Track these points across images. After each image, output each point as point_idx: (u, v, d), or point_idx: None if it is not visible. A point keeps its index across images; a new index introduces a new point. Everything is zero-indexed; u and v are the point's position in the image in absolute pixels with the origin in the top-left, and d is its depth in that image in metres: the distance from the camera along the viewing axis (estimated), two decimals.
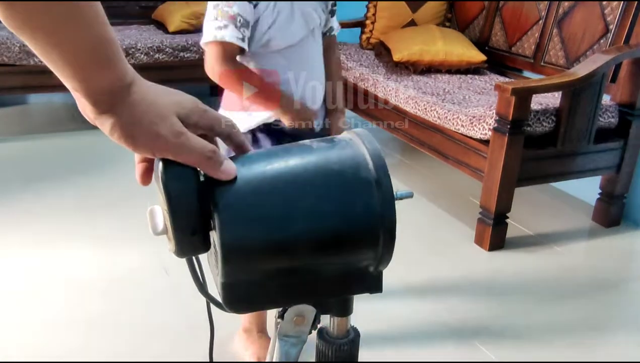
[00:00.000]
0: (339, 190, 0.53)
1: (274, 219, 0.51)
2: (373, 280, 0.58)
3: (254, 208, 0.51)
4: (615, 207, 2.56)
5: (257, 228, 0.51)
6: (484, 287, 2.13)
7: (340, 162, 0.54)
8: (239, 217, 0.50)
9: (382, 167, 0.54)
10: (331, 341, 0.61)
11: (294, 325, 0.60)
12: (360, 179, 0.53)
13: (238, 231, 0.50)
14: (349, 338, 0.62)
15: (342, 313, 0.60)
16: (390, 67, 2.99)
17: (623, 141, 2.43)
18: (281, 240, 0.51)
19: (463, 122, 2.33)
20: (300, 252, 0.52)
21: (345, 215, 0.52)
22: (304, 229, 0.52)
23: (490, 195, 2.25)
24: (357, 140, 0.56)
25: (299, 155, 0.54)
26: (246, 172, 0.53)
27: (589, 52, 2.56)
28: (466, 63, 2.96)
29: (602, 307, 2.04)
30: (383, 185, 0.53)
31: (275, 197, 0.52)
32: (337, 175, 0.53)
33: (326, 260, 0.54)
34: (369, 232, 0.53)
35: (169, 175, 0.51)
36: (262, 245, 0.51)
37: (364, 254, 0.55)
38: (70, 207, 2.50)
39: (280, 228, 0.51)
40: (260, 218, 0.51)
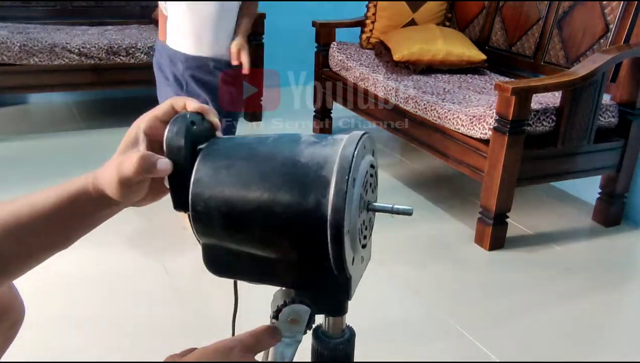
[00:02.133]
0: (298, 182, 0.55)
1: (235, 189, 0.57)
2: (340, 284, 0.58)
3: (221, 176, 0.58)
4: (616, 207, 2.56)
5: (219, 193, 0.57)
6: (484, 287, 2.13)
7: (311, 157, 0.56)
8: (206, 180, 0.58)
9: (342, 171, 0.54)
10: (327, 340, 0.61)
11: (289, 325, 0.60)
12: (319, 177, 0.55)
13: (203, 191, 0.58)
14: (345, 337, 0.62)
15: (337, 312, 0.61)
16: (390, 67, 2.99)
17: (623, 141, 2.43)
18: (238, 209, 0.57)
19: (463, 121, 2.33)
20: (253, 228, 0.57)
21: (297, 206, 0.55)
22: (257, 206, 0.56)
23: (490, 194, 2.25)
24: (343, 142, 0.57)
25: (281, 144, 0.60)
26: (228, 148, 0.61)
27: (589, 52, 2.56)
28: (466, 62, 2.96)
29: (602, 307, 2.04)
30: (339, 189, 0.54)
31: (241, 172, 0.58)
32: (301, 168, 0.56)
33: (279, 244, 0.58)
34: (317, 228, 0.55)
35: (170, 130, 0.62)
36: (221, 210, 0.57)
37: (314, 249, 0.56)
38: None
39: (238, 197, 0.57)
40: (222, 185, 0.57)
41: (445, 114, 2.43)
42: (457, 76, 2.92)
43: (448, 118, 2.41)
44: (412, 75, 2.90)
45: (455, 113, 2.38)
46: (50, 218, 0.64)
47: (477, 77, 2.94)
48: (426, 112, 2.54)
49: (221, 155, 0.60)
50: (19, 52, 3.03)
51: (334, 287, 0.59)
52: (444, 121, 2.44)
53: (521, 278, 2.18)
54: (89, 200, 0.64)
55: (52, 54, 3.10)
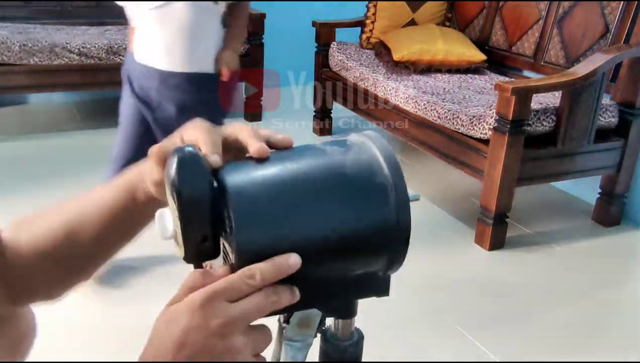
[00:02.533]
0: (354, 196, 0.52)
1: (290, 226, 0.50)
2: (381, 284, 0.57)
3: (269, 214, 0.50)
4: (616, 207, 2.56)
5: (273, 236, 0.49)
6: (484, 287, 2.13)
7: (355, 167, 0.53)
8: (254, 224, 0.49)
9: (397, 172, 0.53)
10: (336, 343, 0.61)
11: (300, 329, 0.60)
12: (375, 185, 0.52)
13: (253, 238, 0.49)
14: (354, 340, 0.62)
15: (347, 315, 0.60)
16: (390, 67, 2.99)
17: (623, 140, 2.43)
18: (296, 247, 0.50)
19: (463, 121, 2.33)
20: (314, 258, 0.51)
21: (361, 222, 0.52)
22: (318, 235, 0.51)
23: (490, 194, 2.25)
24: (370, 143, 0.55)
25: (314, 160, 0.53)
26: (260, 177, 0.51)
27: (589, 52, 2.56)
28: (466, 62, 2.96)
29: (602, 307, 2.04)
30: (399, 191, 0.52)
31: (290, 204, 0.50)
32: (352, 180, 0.52)
33: (340, 265, 0.54)
34: (384, 237, 0.53)
35: (182, 177, 0.49)
36: (277, 252, 0.50)
37: (377, 259, 0.54)
38: None
39: (295, 235, 0.50)
40: (275, 225, 0.50)
41: (445, 114, 2.43)
42: (457, 76, 2.92)
43: (448, 118, 2.41)
44: (412, 75, 2.90)
45: (455, 113, 2.38)
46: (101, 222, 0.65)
47: (477, 77, 2.94)
48: (426, 112, 2.54)
49: (256, 187, 0.50)
50: (19, 52, 3.03)
51: (376, 290, 0.58)
52: (444, 121, 2.44)
53: (521, 278, 2.18)
54: (136, 200, 0.63)
55: (52, 54, 3.10)
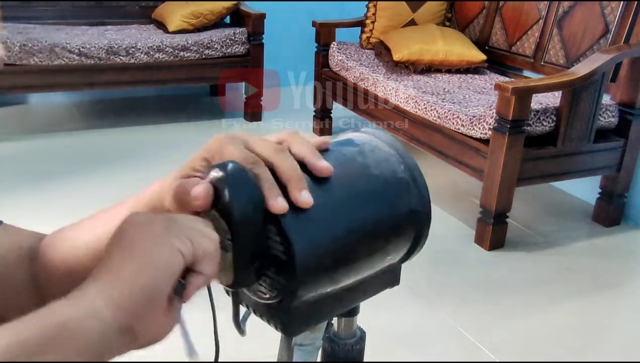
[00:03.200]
0: (384, 194, 0.53)
1: (338, 235, 0.49)
2: (394, 274, 0.59)
3: (319, 227, 0.48)
4: (616, 207, 2.56)
5: (325, 248, 0.48)
6: (484, 287, 2.13)
7: (377, 166, 0.53)
8: (307, 239, 0.47)
9: (415, 166, 0.55)
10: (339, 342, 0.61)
11: (309, 333, 0.60)
12: (399, 180, 0.54)
13: (309, 254, 0.47)
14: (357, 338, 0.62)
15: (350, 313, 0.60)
16: (390, 67, 2.99)
17: (623, 140, 2.43)
18: (344, 256, 0.50)
19: (463, 121, 2.33)
20: (357, 263, 0.52)
21: (393, 218, 0.53)
22: (362, 239, 0.51)
23: (490, 194, 2.25)
24: (379, 141, 0.56)
25: (339, 164, 0.52)
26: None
27: (589, 52, 2.56)
28: (466, 62, 2.96)
29: (602, 306, 2.04)
30: (418, 182, 0.54)
31: (335, 212, 0.50)
32: (378, 179, 0.53)
33: (376, 263, 0.54)
34: (412, 229, 0.54)
35: (235, 195, 0.46)
36: (329, 264, 0.49)
37: (402, 251, 0.56)
38: (70, 207, 2.50)
39: (344, 244, 0.50)
40: (326, 237, 0.49)
41: (445, 113, 2.43)
42: (457, 76, 2.92)
43: (448, 118, 2.41)
44: (412, 75, 2.90)
45: (455, 113, 2.38)
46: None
47: (477, 77, 2.94)
48: (426, 112, 2.54)
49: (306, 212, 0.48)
50: (19, 52, 3.03)
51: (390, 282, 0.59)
52: (444, 121, 2.44)
53: (521, 278, 2.18)
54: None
55: (52, 54, 3.10)
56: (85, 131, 3.45)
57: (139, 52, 3.26)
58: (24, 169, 2.87)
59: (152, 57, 3.29)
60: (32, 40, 3.08)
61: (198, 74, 3.48)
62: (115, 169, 2.88)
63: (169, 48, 3.31)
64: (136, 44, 3.25)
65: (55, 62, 3.12)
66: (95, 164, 2.98)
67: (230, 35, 3.46)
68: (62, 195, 2.61)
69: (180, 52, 3.34)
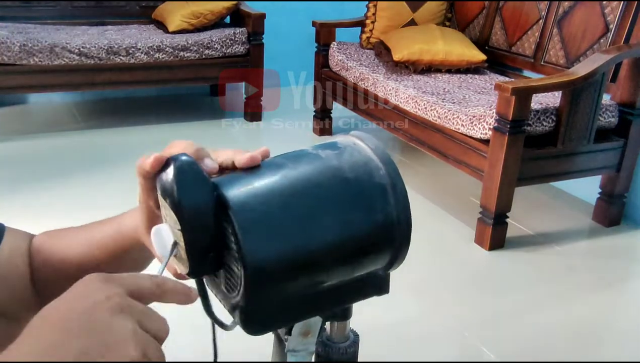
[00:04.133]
0: (357, 198, 0.51)
1: (298, 234, 0.49)
2: (382, 282, 0.57)
3: (277, 224, 0.48)
4: (616, 207, 2.56)
5: (283, 245, 0.48)
6: (484, 287, 2.13)
7: (353, 169, 0.52)
8: (263, 236, 0.47)
9: (394, 170, 0.53)
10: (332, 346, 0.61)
11: (302, 338, 0.60)
12: (375, 185, 0.52)
13: (263, 251, 0.47)
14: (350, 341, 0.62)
15: (343, 317, 0.60)
16: (390, 67, 2.99)
17: (623, 140, 2.43)
18: (306, 256, 0.49)
19: (463, 121, 2.33)
20: (323, 266, 0.51)
21: (366, 223, 0.51)
22: (327, 241, 0.50)
23: (490, 194, 2.25)
24: (361, 144, 0.55)
25: (311, 166, 0.52)
26: (261, 187, 0.50)
27: (589, 52, 2.56)
28: (466, 62, 2.96)
29: (602, 306, 2.04)
30: (397, 188, 0.53)
31: (297, 212, 0.49)
32: (353, 183, 0.52)
33: (347, 269, 0.53)
34: (388, 236, 0.53)
35: (182, 184, 0.48)
36: (288, 263, 0.48)
37: (380, 259, 0.54)
38: (69, 207, 2.50)
39: (305, 243, 0.49)
40: (284, 234, 0.48)
41: (445, 113, 2.43)
42: (457, 76, 2.92)
43: (448, 118, 2.41)
44: (412, 75, 2.90)
45: (455, 113, 2.38)
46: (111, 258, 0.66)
47: (477, 77, 2.94)
48: (426, 112, 2.54)
49: (258, 198, 0.49)
50: (19, 52, 3.03)
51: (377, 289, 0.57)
52: (444, 121, 2.44)
53: (521, 278, 2.18)
54: (141, 250, 0.63)
55: (52, 54, 3.10)
56: (85, 131, 3.45)
57: (139, 52, 3.26)
58: (24, 169, 2.87)
59: (152, 57, 3.29)
60: (32, 40, 3.08)
61: (198, 74, 3.48)
62: (115, 169, 2.88)
63: (169, 48, 3.31)
64: (136, 44, 3.25)
65: (55, 62, 3.12)
66: (95, 164, 2.98)
67: (230, 35, 3.46)
68: (62, 194, 2.61)
69: (180, 52, 3.34)
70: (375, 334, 1.79)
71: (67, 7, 3.68)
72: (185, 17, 3.47)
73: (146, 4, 3.83)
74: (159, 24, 3.65)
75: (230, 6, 3.56)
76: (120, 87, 3.56)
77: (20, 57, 3.05)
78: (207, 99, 4.13)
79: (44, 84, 3.19)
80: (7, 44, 3.01)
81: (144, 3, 3.83)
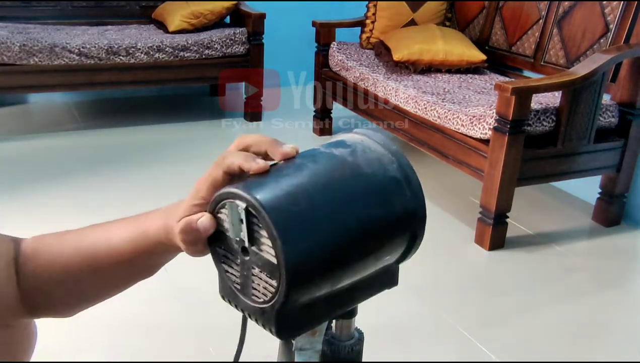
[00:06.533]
0: (377, 193, 0.52)
1: (329, 233, 0.49)
2: (392, 275, 0.58)
3: (309, 224, 0.48)
4: (616, 207, 2.56)
5: (316, 245, 0.48)
6: (484, 287, 2.13)
7: (369, 165, 0.53)
8: (298, 238, 0.47)
9: (407, 164, 0.54)
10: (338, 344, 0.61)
11: (309, 337, 0.60)
12: (391, 178, 0.53)
13: (300, 253, 0.47)
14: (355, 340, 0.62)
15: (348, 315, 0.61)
16: (390, 67, 2.99)
17: (623, 140, 2.43)
18: (336, 254, 0.49)
19: (463, 121, 2.33)
20: (350, 263, 0.51)
21: (387, 218, 0.52)
22: (354, 238, 0.50)
23: (490, 194, 2.25)
24: (369, 140, 0.56)
25: (330, 164, 0.53)
26: (290, 187, 0.50)
27: (589, 52, 2.56)
28: (466, 62, 2.96)
29: (602, 307, 2.04)
30: (412, 180, 0.54)
31: (325, 210, 0.49)
32: (372, 178, 0.52)
33: (370, 264, 0.53)
34: (406, 228, 0.54)
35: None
36: (320, 262, 0.48)
37: (397, 252, 0.55)
38: (69, 207, 2.50)
39: (334, 241, 0.49)
40: (316, 234, 0.48)
41: (445, 113, 2.43)
42: (457, 76, 2.92)
43: (448, 118, 2.41)
44: (412, 75, 2.90)
45: (455, 113, 2.38)
46: (124, 263, 0.63)
47: (477, 77, 2.94)
48: (426, 112, 2.54)
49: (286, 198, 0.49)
50: (19, 52, 3.03)
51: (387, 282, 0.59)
52: (444, 121, 2.44)
53: (521, 278, 2.18)
54: (164, 251, 0.61)
55: (52, 54, 3.10)
56: (85, 131, 3.45)
57: (139, 52, 3.26)
58: (24, 169, 2.87)
59: (152, 57, 3.29)
60: (32, 40, 3.08)
61: (198, 74, 3.48)
62: (115, 169, 2.88)
63: (169, 48, 3.31)
64: (136, 44, 3.25)
65: (55, 62, 3.12)
66: (95, 164, 2.98)
67: (230, 35, 3.46)
68: (62, 194, 2.61)
69: (180, 52, 3.34)
70: (375, 334, 1.79)
71: (67, 7, 3.68)
72: (185, 17, 3.47)
73: (146, 4, 3.83)
74: (159, 24, 3.65)
75: (230, 6, 3.56)
76: (120, 87, 3.56)
77: (20, 57, 3.05)
78: (207, 99, 4.13)
79: (44, 84, 3.19)
80: (7, 44, 3.01)
81: (144, 3, 3.83)
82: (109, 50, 3.20)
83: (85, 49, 3.15)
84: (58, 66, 3.13)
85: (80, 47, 3.14)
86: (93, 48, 3.17)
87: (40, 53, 3.08)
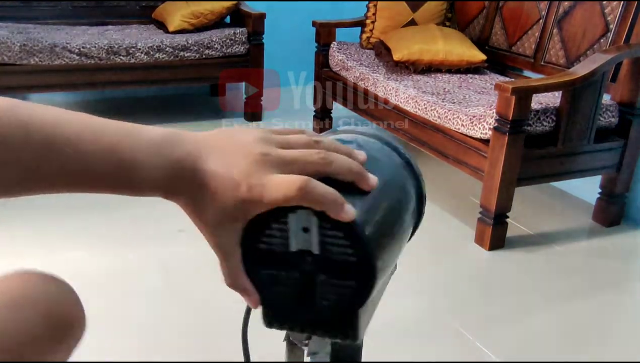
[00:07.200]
0: (404, 184, 0.55)
1: (388, 229, 0.50)
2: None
3: (377, 225, 0.48)
4: (616, 207, 2.56)
5: (384, 244, 0.48)
6: (484, 287, 2.13)
7: (387, 156, 0.56)
8: (377, 244, 0.47)
9: (402, 147, 0.58)
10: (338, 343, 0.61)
11: (322, 340, 0.60)
12: (399, 165, 0.56)
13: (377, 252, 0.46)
14: None
15: None
16: (390, 67, 2.99)
17: (623, 140, 2.43)
18: (394, 249, 0.50)
19: (463, 121, 2.33)
20: (398, 254, 0.53)
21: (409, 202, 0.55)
22: (399, 229, 0.52)
23: (490, 194, 2.25)
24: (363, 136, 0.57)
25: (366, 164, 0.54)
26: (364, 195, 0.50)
27: (589, 52, 2.56)
28: (466, 62, 2.96)
29: (602, 306, 2.04)
30: (411, 164, 0.57)
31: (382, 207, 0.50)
32: (394, 170, 0.55)
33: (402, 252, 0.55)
34: (417, 209, 0.57)
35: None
36: (389, 259, 0.49)
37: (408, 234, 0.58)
38: (69, 207, 2.50)
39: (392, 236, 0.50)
40: (382, 233, 0.48)
41: (445, 113, 2.43)
42: (457, 76, 2.92)
43: (448, 118, 2.41)
44: (412, 75, 2.90)
45: (455, 113, 2.38)
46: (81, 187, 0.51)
47: (477, 77, 2.94)
48: (426, 112, 2.54)
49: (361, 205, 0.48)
50: (19, 52, 3.03)
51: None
52: (444, 121, 2.44)
53: (521, 278, 2.18)
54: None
55: (52, 54, 3.10)
56: None
57: (139, 52, 3.26)
58: None
59: (152, 57, 3.29)
60: (32, 40, 3.08)
61: (198, 74, 3.48)
62: None
63: (169, 48, 3.31)
64: (136, 44, 3.25)
65: (55, 62, 3.12)
66: None
67: (230, 35, 3.46)
68: (62, 194, 2.60)
69: (180, 52, 3.35)
70: (374, 334, 1.79)
71: (67, 7, 3.68)
72: (185, 17, 3.47)
73: (146, 4, 3.83)
74: (159, 24, 3.65)
75: (230, 6, 3.56)
76: (120, 87, 3.56)
77: (20, 57, 3.05)
78: (207, 99, 4.13)
79: (44, 84, 3.19)
80: (7, 44, 3.01)
81: (144, 3, 3.83)
82: (109, 50, 3.20)
83: (85, 49, 3.15)
84: (58, 66, 3.13)
85: (80, 47, 3.15)
86: (93, 48, 3.17)
87: (41, 53, 3.08)
